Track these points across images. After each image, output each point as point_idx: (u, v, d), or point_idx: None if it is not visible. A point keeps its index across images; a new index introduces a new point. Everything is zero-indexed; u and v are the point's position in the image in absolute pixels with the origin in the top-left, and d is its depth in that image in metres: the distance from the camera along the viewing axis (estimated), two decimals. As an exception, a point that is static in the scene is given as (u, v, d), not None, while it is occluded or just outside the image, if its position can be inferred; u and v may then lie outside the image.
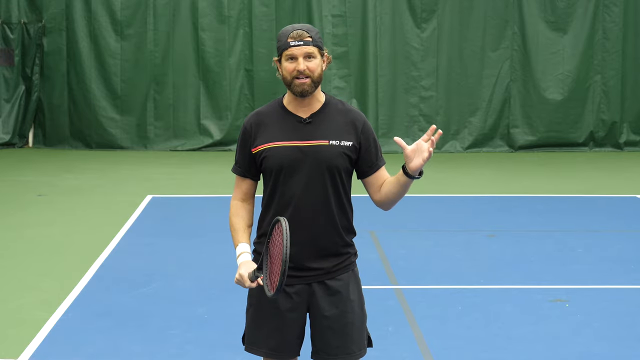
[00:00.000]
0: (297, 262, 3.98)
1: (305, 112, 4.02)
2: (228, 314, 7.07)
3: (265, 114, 4.06)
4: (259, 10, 17.50)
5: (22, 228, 10.52)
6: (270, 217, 4.04)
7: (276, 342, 4.03)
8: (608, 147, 17.83)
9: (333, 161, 3.98)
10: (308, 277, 4.03)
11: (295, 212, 3.98)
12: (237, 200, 4.17)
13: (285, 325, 4.02)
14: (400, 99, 17.59)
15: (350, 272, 4.09)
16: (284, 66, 3.96)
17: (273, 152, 3.98)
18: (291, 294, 4.01)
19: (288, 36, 3.94)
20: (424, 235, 10.12)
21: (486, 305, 7.43)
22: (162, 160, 16.27)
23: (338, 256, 4.06)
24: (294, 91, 3.96)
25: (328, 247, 4.03)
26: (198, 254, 9.18)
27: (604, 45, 17.69)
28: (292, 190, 3.98)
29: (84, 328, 6.79)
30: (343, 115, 4.05)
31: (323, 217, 4.00)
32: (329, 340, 4.03)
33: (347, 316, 4.04)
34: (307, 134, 3.98)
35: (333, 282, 4.05)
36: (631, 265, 8.73)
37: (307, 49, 3.93)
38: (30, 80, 17.62)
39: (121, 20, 17.52)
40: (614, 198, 12.61)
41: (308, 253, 4.00)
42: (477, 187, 13.53)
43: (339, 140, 3.99)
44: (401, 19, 17.58)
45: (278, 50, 3.99)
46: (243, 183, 4.14)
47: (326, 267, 4.04)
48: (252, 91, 17.54)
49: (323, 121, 4.01)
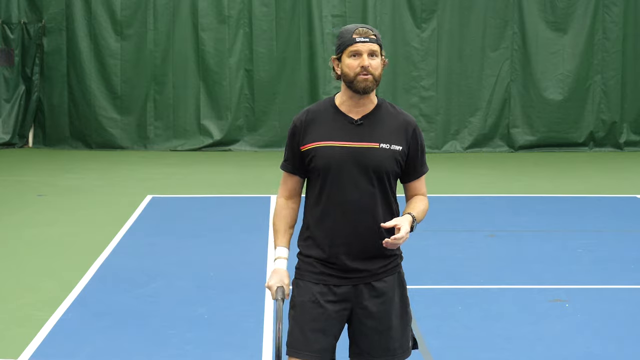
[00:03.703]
0: (343, 264, 3.98)
1: (357, 113, 4.00)
2: (228, 314, 7.07)
3: (316, 112, 4.03)
4: (259, 10, 17.50)
5: (22, 228, 10.52)
6: (316, 215, 4.01)
7: (319, 344, 3.99)
8: (608, 147, 17.82)
9: (382, 164, 3.96)
10: (354, 278, 4.00)
11: (342, 212, 3.96)
12: (282, 198, 4.11)
13: (328, 325, 3.99)
14: (400, 99, 17.57)
15: (396, 275, 4.09)
16: (346, 62, 3.93)
17: (322, 151, 3.95)
18: (338, 293, 3.99)
19: (353, 32, 3.92)
20: (424, 235, 10.11)
21: (486, 305, 7.43)
22: (162, 160, 16.26)
23: (384, 258, 4.04)
24: (356, 87, 3.94)
25: (374, 248, 3.99)
26: (198, 254, 9.18)
27: (604, 45, 17.68)
28: (339, 191, 3.95)
29: (84, 328, 6.79)
30: (394, 119, 4.03)
31: (370, 218, 3.97)
32: (374, 342, 4.02)
33: (392, 318, 4.04)
34: (357, 135, 3.96)
35: (379, 283, 4.03)
36: (631, 265, 8.73)
37: (371, 47, 3.93)
38: (30, 80, 17.61)
39: (121, 20, 17.51)
40: (614, 198, 12.61)
41: (355, 254, 3.98)
42: (477, 187, 13.53)
43: (389, 144, 3.97)
44: (401, 19, 17.58)
45: (339, 47, 3.95)
46: (290, 180, 4.09)
47: (372, 268, 4.02)
48: (252, 91, 17.53)
49: (375, 123, 3.99)
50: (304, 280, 4.03)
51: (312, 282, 4.01)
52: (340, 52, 3.95)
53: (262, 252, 9.03)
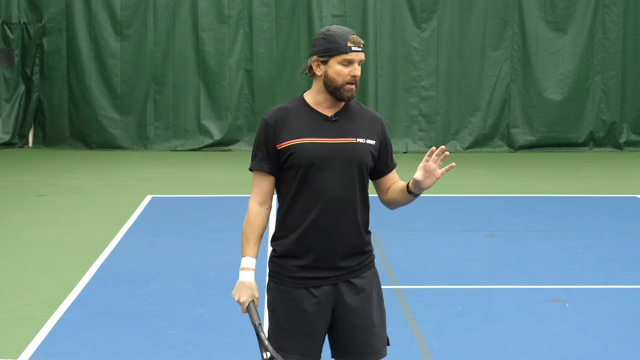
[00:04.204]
0: (325, 262, 3.96)
1: (330, 111, 4.00)
2: (228, 314, 7.07)
3: (289, 110, 4.00)
4: (259, 10, 17.50)
5: (22, 228, 10.52)
6: (295, 214, 3.97)
7: (305, 347, 3.98)
8: (608, 147, 17.82)
9: (364, 158, 3.98)
10: (335, 277, 3.99)
11: (324, 209, 3.94)
12: (255, 204, 4.02)
13: (312, 328, 3.97)
14: (400, 99, 17.59)
15: (372, 270, 4.09)
16: (336, 69, 3.91)
17: (302, 148, 3.92)
18: (318, 295, 3.97)
19: (348, 40, 3.90)
20: (424, 235, 10.12)
21: (486, 305, 7.43)
22: (162, 160, 16.27)
23: (362, 254, 4.04)
24: (342, 95, 3.94)
25: (354, 245, 4.00)
26: (198, 254, 9.18)
27: (604, 45, 17.69)
28: (321, 188, 3.93)
29: (84, 328, 6.79)
30: (364, 115, 4.06)
31: (350, 214, 3.97)
32: (359, 340, 4.01)
33: (372, 313, 4.04)
34: (335, 131, 3.97)
35: (358, 280, 4.02)
36: (631, 265, 8.73)
37: (362, 57, 3.94)
38: (30, 80, 17.61)
39: (121, 20, 17.52)
40: (614, 198, 12.61)
41: (336, 251, 3.97)
42: (477, 187, 13.53)
43: (365, 139, 3.99)
44: (401, 19, 17.58)
45: (330, 51, 3.91)
46: (264, 181, 4.01)
47: (352, 265, 4.01)
48: (252, 91, 17.54)
49: (348, 120, 4.01)
50: (283, 285, 4.01)
51: (292, 286, 3.99)
52: (329, 56, 3.92)
53: (262, 252, 9.01)
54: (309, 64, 3.99)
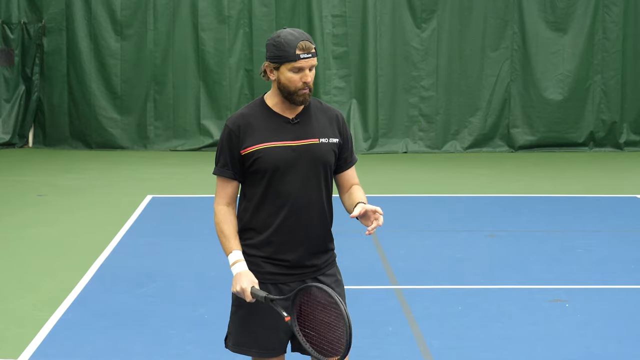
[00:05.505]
0: (293, 261, 4.05)
1: (291, 113, 4.05)
2: (228, 314, 7.05)
3: (251, 116, 4.05)
4: (259, 10, 17.50)
5: (22, 228, 10.52)
6: (262, 217, 4.04)
7: (270, 340, 4.07)
8: (608, 147, 17.82)
9: (327, 158, 4.06)
10: (303, 274, 4.08)
11: (292, 211, 4.02)
12: (222, 206, 4.10)
13: (279, 322, 4.02)
14: (400, 99, 17.58)
15: (335, 267, 4.19)
16: (287, 76, 3.94)
17: (267, 153, 3.98)
18: (286, 291, 4.04)
19: (296, 47, 3.92)
20: (424, 235, 10.12)
21: (486, 305, 7.43)
22: (162, 160, 16.27)
23: (327, 252, 4.15)
24: (295, 100, 3.98)
25: (320, 243, 4.11)
26: (198, 254, 9.18)
27: (604, 45, 17.68)
28: (287, 190, 4.01)
29: (84, 328, 6.80)
30: (324, 113, 4.12)
31: (317, 214, 4.07)
32: None
33: None
34: (297, 133, 4.02)
35: (324, 277, 4.11)
36: (631, 265, 8.73)
37: (313, 62, 3.97)
38: (30, 80, 17.61)
39: (121, 20, 17.52)
40: (614, 198, 12.61)
41: (304, 251, 4.07)
42: (477, 187, 13.53)
43: (327, 138, 4.06)
44: (401, 19, 17.57)
45: (279, 58, 3.94)
46: (229, 186, 4.09)
47: (318, 263, 4.11)
48: (252, 91, 17.53)
49: (309, 120, 4.06)
50: None
51: (260, 281, 4.06)
52: (279, 63, 3.94)
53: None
54: (263, 68, 4.03)
